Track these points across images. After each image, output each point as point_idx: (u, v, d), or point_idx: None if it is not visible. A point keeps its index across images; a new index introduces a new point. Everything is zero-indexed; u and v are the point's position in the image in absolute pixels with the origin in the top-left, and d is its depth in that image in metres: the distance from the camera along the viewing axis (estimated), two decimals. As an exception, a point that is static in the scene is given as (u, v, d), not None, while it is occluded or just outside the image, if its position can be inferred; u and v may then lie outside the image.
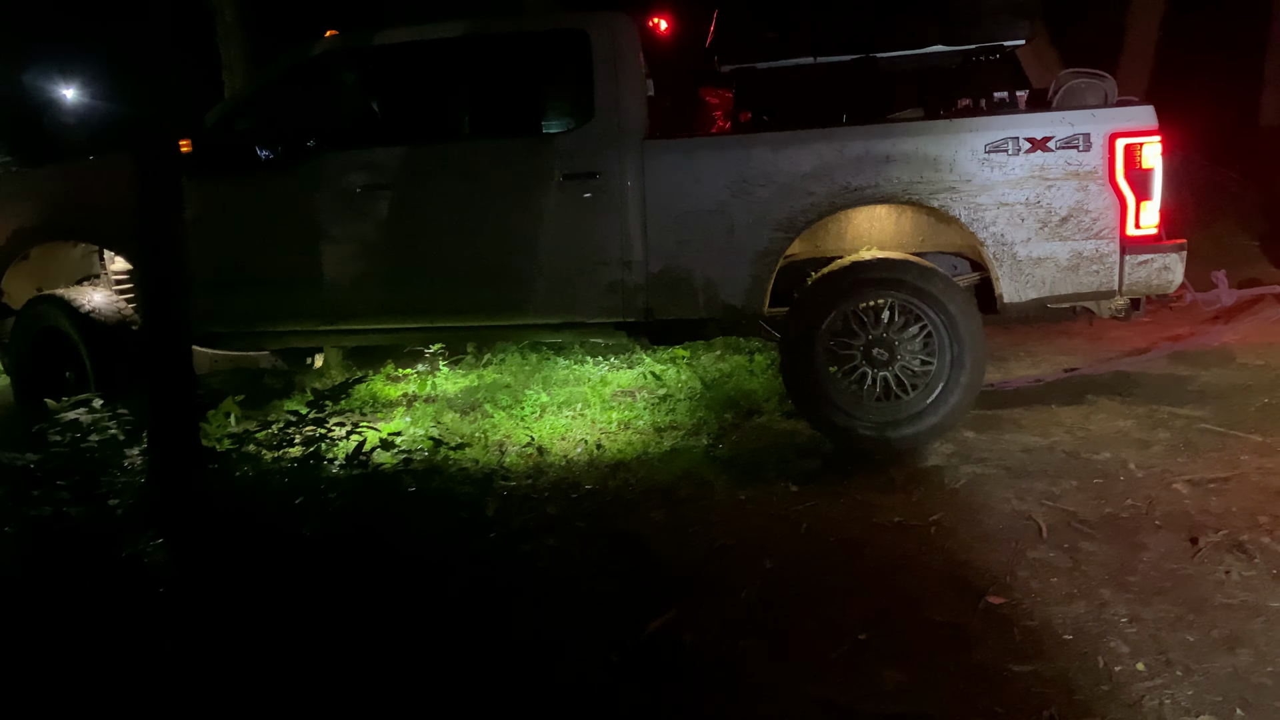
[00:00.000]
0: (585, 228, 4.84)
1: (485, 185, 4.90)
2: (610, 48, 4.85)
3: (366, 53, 5.32)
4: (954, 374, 4.60)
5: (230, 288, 5.16)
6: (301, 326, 5.31)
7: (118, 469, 3.96)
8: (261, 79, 5.21)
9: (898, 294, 4.62)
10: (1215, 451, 4.48)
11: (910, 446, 4.66)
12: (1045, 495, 4.10)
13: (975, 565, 3.49)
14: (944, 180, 4.50)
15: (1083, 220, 4.45)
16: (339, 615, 3.19)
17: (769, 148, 4.63)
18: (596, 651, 3.01)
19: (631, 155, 4.76)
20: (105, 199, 4.96)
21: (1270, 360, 5.90)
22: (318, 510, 3.72)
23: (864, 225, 4.90)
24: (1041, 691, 2.70)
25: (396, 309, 5.14)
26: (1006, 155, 4.44)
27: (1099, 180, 4.42)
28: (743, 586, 3.42)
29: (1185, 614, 3.07)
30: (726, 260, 4.74)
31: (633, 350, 6.79)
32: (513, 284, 4.94)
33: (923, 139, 4.52)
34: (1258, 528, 3.64)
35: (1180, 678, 2.73)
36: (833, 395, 4.70)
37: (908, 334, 4.65)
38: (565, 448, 5.04)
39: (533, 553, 3.75)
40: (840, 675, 2.84)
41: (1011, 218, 4.48)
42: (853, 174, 4.54)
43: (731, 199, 4.67)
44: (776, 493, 4.28)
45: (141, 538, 3.37)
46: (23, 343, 5.58)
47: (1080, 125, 4.41)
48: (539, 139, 4.96)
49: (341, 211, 5.05)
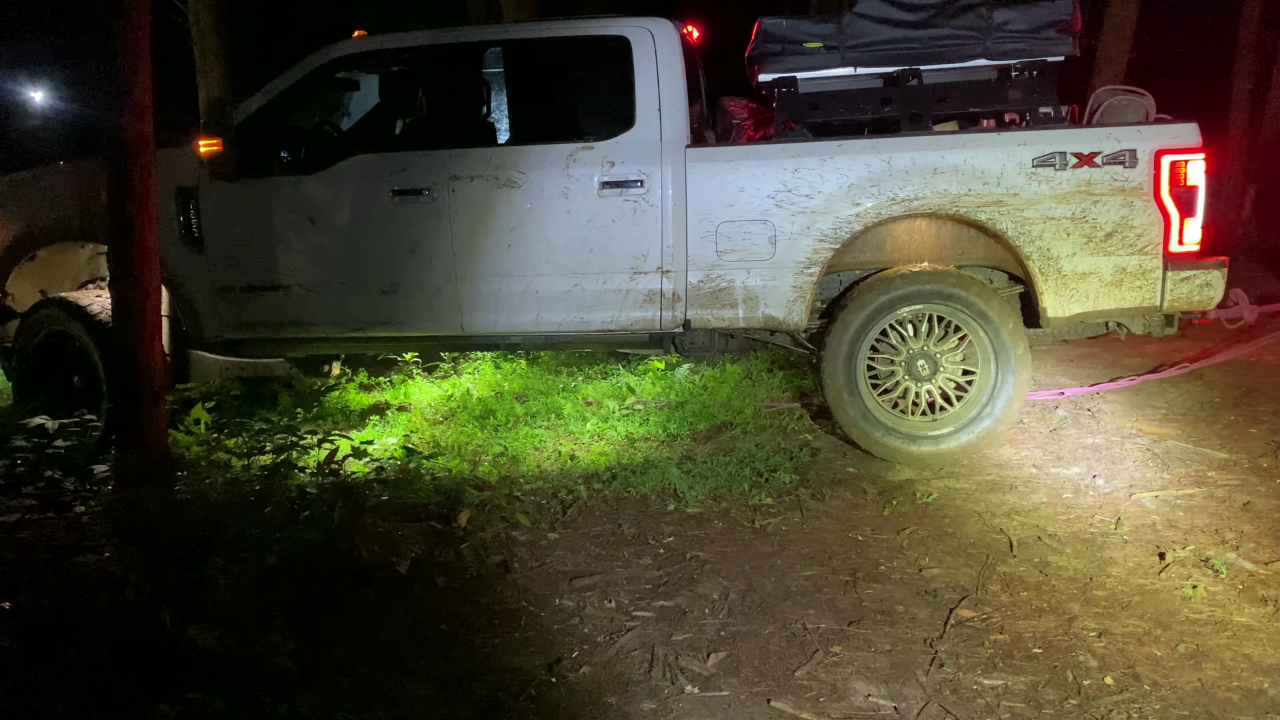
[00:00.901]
0: (624, 236, 4.77)
1: (523, 192, 4.81)
2: (652, 54, 4.80)
3: (398, 54, 5.23)
4: (998, 387, 4.64)
5: (253, 293, 5.06)
6: (328, 334, 5.18)
7: (86, 476, 3.92)
8: (290, 78, 5.04)
9: (943, 306, 4.65)
10: (1183, 467, 4.54)
11: (952, 461, 4.68)
12: (1015, 509, 4.13)
13: (946, 578, 3.51)
14: (991, 193, 4.50)
15: (1127, 236, 4.47)
16: (299, 630, 3.15)
17: (816, 158, 4.62)
18: (568, 664, 2.99)
19: (673, 163, 4.71)
20: None
21: (1237, 377, 5.98)
22: (281, 524, 3.67)
23: (903, 237, 4.87)
24: (1012, 706, 2.71)
25: (427, 317, 5.03)
26: (1054, 169, 4.45)
27: (1144, 196, 4.43)
28: (713, 599, 3.41)
29: (1153, 629, 3.10)
30: (768, 270, 4.71)
31: (605, 361, 6.78)
32: (549, 293, 4.87)
33: (971, 151, 4.51)
34: (1224, 543, 3.69)
35: (1148, 692, 2.75)
36: (873, 409, 4.74)
37: (950, 346, 4.70)
38: (539, 458, 5.02)
39: (505, 564, 3.73)
40: (810, 689, 2.84)
41: (1057, 232, 4.49)
42: (900, 185, 4.54)
43: (775, 209, 4.64)
44: (749, 505, 4.28)
45: (101, 547, 3.33)
46: (27, 347, 5.40)
47: (1127, 141, 4.43)
48: (578, 146, 4.83)
49: (373, 216, 4.94)
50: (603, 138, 4.82)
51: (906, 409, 4.79)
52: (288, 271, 5.04)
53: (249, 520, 3.69)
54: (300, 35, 14.51)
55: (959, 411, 4.74)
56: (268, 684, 2.82)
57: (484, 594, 3.50)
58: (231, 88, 10.10)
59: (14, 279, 5.53)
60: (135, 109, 3.59)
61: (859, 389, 4.75)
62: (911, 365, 4.74)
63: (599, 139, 4.82)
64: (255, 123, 5.05)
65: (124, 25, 3.54)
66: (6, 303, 5.56)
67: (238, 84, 10.08)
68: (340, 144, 5.45)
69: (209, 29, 10.13)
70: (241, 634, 3.01)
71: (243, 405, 5.47)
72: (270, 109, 5.09)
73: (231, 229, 5.01)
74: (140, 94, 3.59)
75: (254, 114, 5.06)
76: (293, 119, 5.34)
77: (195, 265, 5.09)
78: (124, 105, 3.56)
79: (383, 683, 2.89)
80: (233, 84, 10.12)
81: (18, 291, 5.58)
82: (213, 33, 10.15)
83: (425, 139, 5.23)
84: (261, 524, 3.66)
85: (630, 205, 4.75)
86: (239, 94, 9.59)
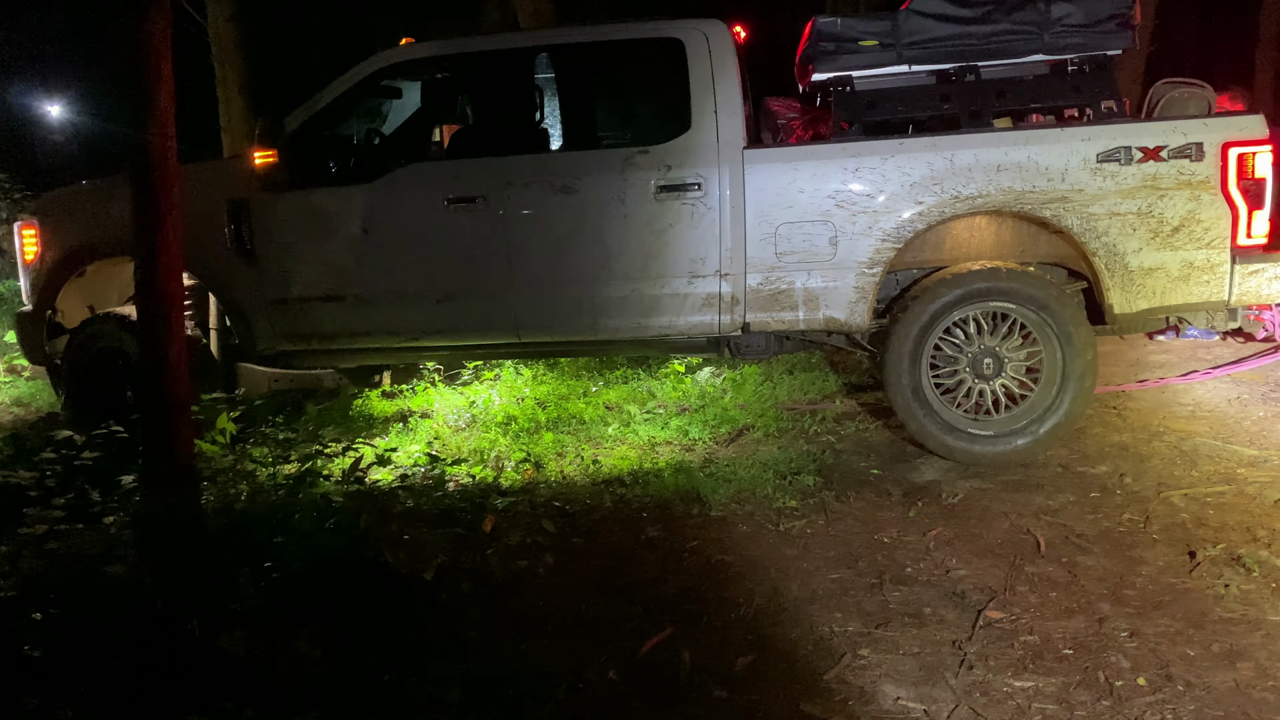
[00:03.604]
0: (682, 240, 4.74)
1: (579, 198, 4.78)
2: (706, 55, 4.77)
3: (449, 61, 5.21)
4: (1064, 385, 4.60)
5: (307, 304, 5.05)
6: (382, 344, 5.15)
7: (114, 487, 3.95)
8: (339, 87, 5.02)
9: (1008, 304, 4.61)
10: (1211, 465, 4.49)
11: (1019, 460, 4.65)
12: (1043, 509, 4.09)
13: (974, 580, 3.49)
14: (1056, 189, 4.45)
15: (1194, 230, 4.42)
16: (327, 638, 3.16)
17: (878, 156, 4.56)
18: (595, 669, 2.99)
19: (730, 165, 4.68)
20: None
21: (1264, 373, 5.92)
22: (307, 531, 3.68)
23: (963, 235, 4.83)
24: (1044, 708, 2.69)
25: (483, 325, 5.00)
26: (1119, 164, 4.40)
27: (1211, 189, 4.38)
28: (739, 603, 3.40)
29: (1185, 628, 3.06)
30: (830, 272, 4.67)
31: (626, 366, 6.79)
32: (606, 299, 4.83)
33: (1035, 147, 4.45)
34: (1255, 541, 3.64)
35: (1182, 692, 2.72)
36: (938, 408, 4.70)
37: (1015, 345, 4.67)
38: (561, 463, 5.02)
39: (530, 569, 3.73)
40: (839, 692, 2.83)
41: (1123, 227, 4.45)
42: (964, 183, 4.50)
43: (836, 209, 4.61)
44: (773, 508, 4.26)
45: (130, 557, 3.35)
46: (79, 363, 5.42)
47: (1193, 135, 4.38)
48: (634, 150, 4.80)
49: (427, 225, 4.91)
50: (658, 141, 4.79)
51: (970, 409, 4.74)
52: (341, 282, 5.01)
53: (276, 529, 3.71)
54: (318, 49, 14.64)
55: (1026, 409, 4.67)
56: (297, 692, 2.84)
57: (510, 600, 3.50)
58: (252, 103, 10.20)
59: (63, 295, 5.52)
60: (158, 122, 3.61)
61: (923, 388, 4.70)
62: (977, 364, 4.69)
63: (655, 142, 4.79)
64: (306, 133, 5.03)
65: (145, 39, 3.57)
66: (56, 319, 5.57)
67: (258, 99, 10.18)
68: (392, 152, 5.43)
69: (232, 46, 10.23)
70: (270, 642, 3.02)
71: (268, 415, 5.49)
72: (320, 118, 5.08)
73: (284, 240, 5.00)
74: (163, 107, 3.61)
75: (305, 124, 5.03)
76: (341, 128, 5.34)
77: (247, 278, 5.08)
78: (147, 119, 3.59)
79: (410, 689, 2.89)
80: (253, 100, 10.22)
81: (66, 308, 5.58)
82: (236, 51, 10.24)
83: (478, 146, 5.19)
84: (288, 532, 3.68)
85: (688, 209, 4.72)
86: (258, 108, 9.70)
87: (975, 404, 4.75)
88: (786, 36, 6.27)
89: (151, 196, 3.61)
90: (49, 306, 5.51)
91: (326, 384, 5.56)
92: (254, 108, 10.06)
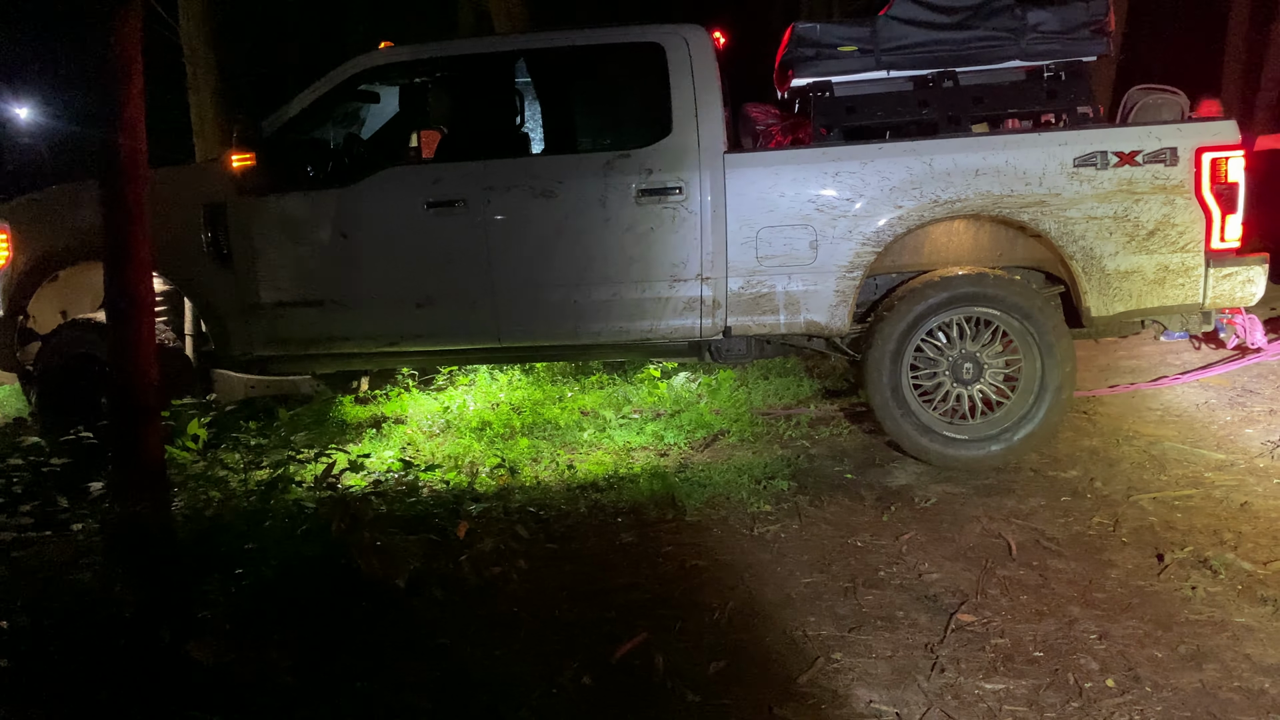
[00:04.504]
0: (663, 244, 4.76)
1: (559, 202, 4.78)
2: (687, 60, 4.78)
3: (428, 64, 5.19)
4: (1041, 395, 4.64)
5: (284, 309, 5.01)
6: (361, 349, 5.12)
7: (82, 494, 3.90)
8: (317, 91, 5.00)
9: (992, 310, 4.65)
10: (1180, 469, 4.55)
11: (993, 465, 4.68)
12: (1014, 513, 4.13)
13: (946, 583, 3.51)
14: (1034, 194, 4.50)
15: (1169, 234, 4.48)
16: (299, 645, 3.14)
17: (857, 161, 4.60)
18: (569, 674, 2.98)
19: (711, 169, 4.70)
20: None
21: (1231, 378, 5.99)
22: (279, 538, 3.65)
23: (942, 239, 4.87)
24: (1014, 710, 2.71)
25: (463, 330, 4.98)
26: (1095, 169, 4.46)
27: (1185, 194, 4.45)
28: (713, 607, 3.41)
29: (1153, 630, 3.10)
30: (810, 275, 4.70)
31: (601, 371, 6.78)
32: (587, 303, 4.84)
33: (1012, 152, 4.51)
34: (1222, 544, 3.69)
35: (1149, 694, 2.75)
36: (916, 410, 4.73)
37: (995, 351, 4.71)
38: (536, 469, 5.01)
39: (504, 575, 3.72)
40: (812, 696, 2.84)
41: (1100, 231, 4.50)
42: (942, 187, 4.54)
43: (816, 213, 4.64)
44: (747, 512, 4.27)
45: (98, 565, 3.31)
46: (52, 369, 5.32)
47: (1167, 140, 4.44)
48: (615, 154, 4.81)
49: (407, 229, 4.89)
50: (639, 145, 4.80)
51: (947, 413, 4.78)
52: (319, 287, 4.98)
53: (247, 535, 3.68)
54: (294, 52, 14.54)
55: (1002, 415, 4.72)
56: (267, 700, 2.81)
57: (483, 606, 3.49)
58: (224, 105, 10.11)
59: (35, 300, 5.45)
60: (128, 125, 3.58)
61: (903, 388, 4.73)
62: (957, 368, 4.73)
63: (635, 147, 4.80)
64: (284, 137, 5.01)
65: (115, 41, 3.53)
66: (28, 325, 5.48)
67: (231, 102, 10.10)
68: (371, 157, 5.41)
69: (201, 48, 10.13)
70: (240, 650, 2.99)
71: (240, 420, 5.44)
72: (298, 122, 5.05)
73: (261, 245, 4.96)
74: (133, 110, 3.57)
75: (282, 128, 5.00)
76: (318, 132, 5.30)
77: (224, 282, 5.03)
78: (116, 121, 3.55)
79: (383, 696, 2.87)
80: (226, 103, 10.13)
81: (38, 313, 5.50)
82: (206, 51, 10.15)
83: (458, 150, 5.18)
84: (260, 539, 3.65)
85: (669, 213, 4.74)
86: (231, 111, 9.62)
87: (952, 408, 4.78)
88: (765, 44, 6.30)
89: (121, 199, 3.58)
90: (20, 312, 5.44)
91: (303, 390, 5.51)
92: (227, 111, 9.98)
